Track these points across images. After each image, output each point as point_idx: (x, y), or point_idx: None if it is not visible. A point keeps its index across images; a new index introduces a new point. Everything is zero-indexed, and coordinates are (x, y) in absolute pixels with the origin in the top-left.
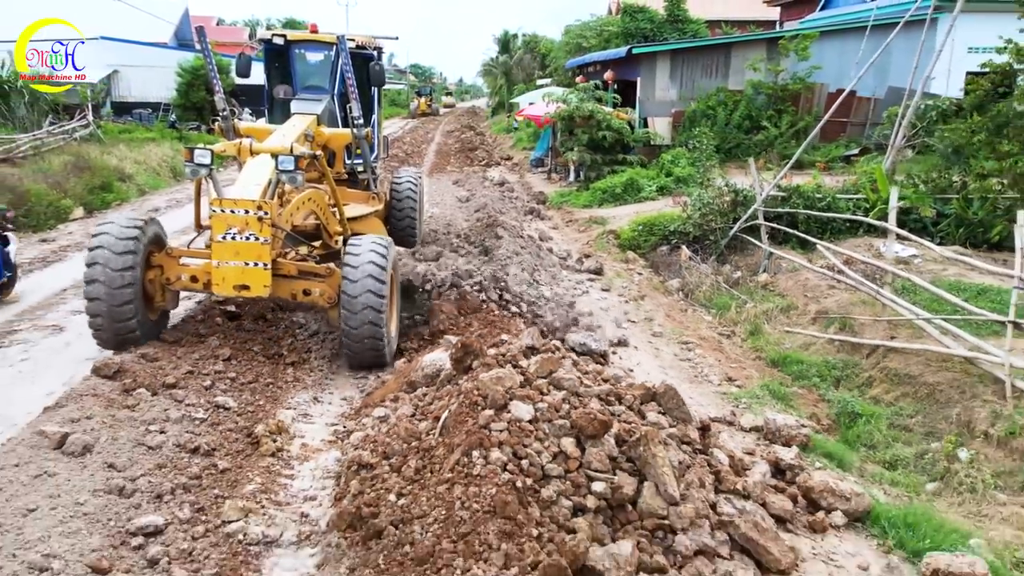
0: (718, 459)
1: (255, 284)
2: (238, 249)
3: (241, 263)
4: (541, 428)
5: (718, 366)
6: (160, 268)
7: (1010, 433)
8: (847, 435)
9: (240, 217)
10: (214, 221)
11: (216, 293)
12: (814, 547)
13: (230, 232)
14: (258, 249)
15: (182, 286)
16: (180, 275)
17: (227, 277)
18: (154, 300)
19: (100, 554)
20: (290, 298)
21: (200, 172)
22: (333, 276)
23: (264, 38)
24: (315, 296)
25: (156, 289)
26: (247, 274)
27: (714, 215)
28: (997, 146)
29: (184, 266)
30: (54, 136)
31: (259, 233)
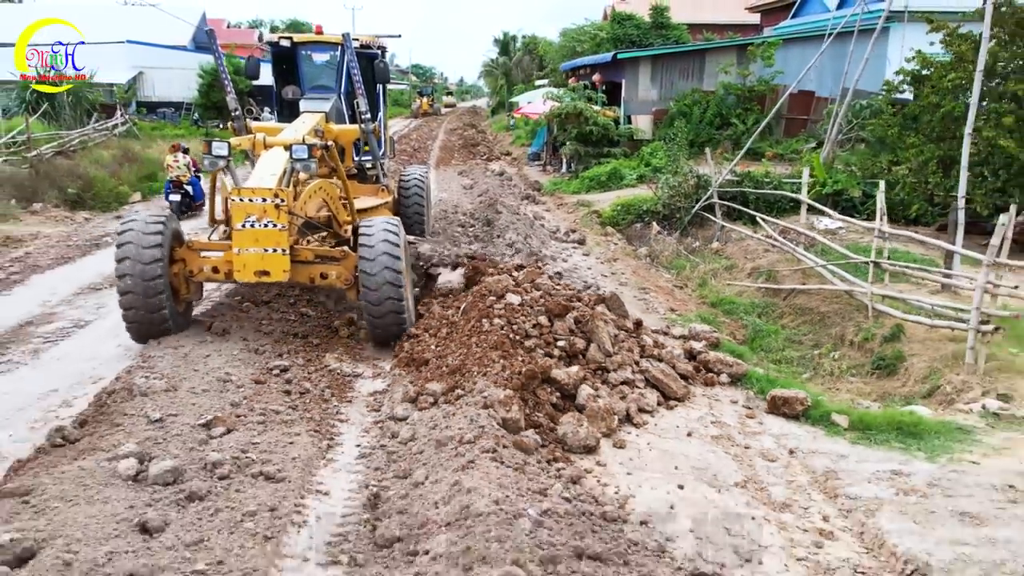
0: (644, 340)
1: (275, 269)
2: (257, 236)
3: (261, 249)
4: (525, 309)
5: (667, 304)
6: (183, 262)
7: (865, 339)
8: (752, 344)
9: (258, 205)
10: (233, 210)
11: (238, 280)
12: (704, 392)
13: (249, 220)
14: (276, 235)
15: (205, 277)
16: (202, 267)
17: (248, 264)
18: (179, 293)
19: (257, 375)
20: (308, 282)
21: (218, 163)
22: (348, 259)
23: (271, 41)
24: (332, 279)
25: (180, 282)
26: (267, 260)
27: (680, 197)
28: (905, 139)
29: (205, 258)
30: (98, 132)
31: (277, 220)
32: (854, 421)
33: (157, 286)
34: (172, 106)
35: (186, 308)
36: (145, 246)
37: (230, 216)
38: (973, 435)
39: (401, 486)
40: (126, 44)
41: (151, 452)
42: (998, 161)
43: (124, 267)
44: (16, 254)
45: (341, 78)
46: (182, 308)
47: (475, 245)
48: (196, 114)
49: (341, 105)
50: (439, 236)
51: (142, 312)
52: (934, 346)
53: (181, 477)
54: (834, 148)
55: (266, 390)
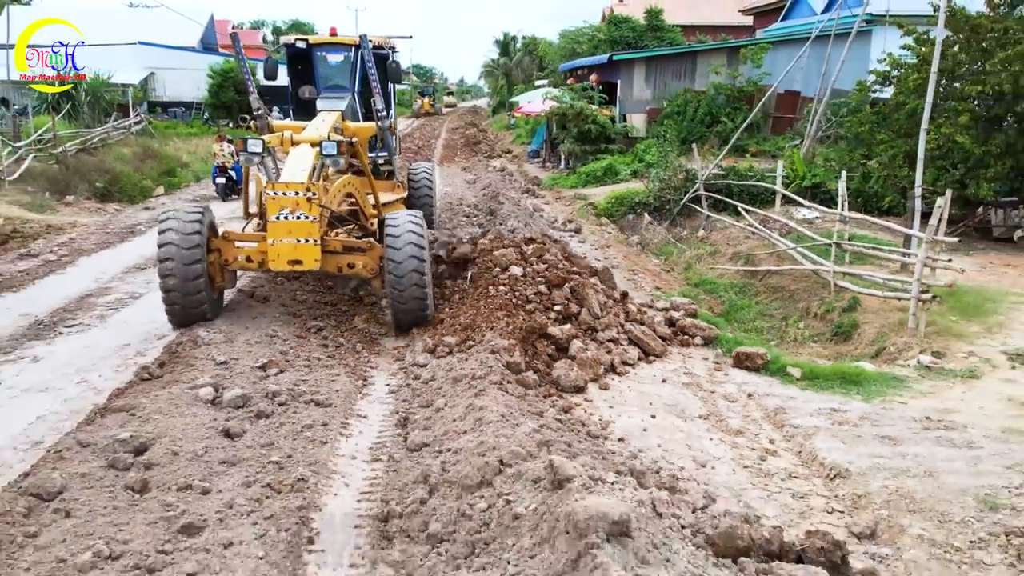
0: (629, 308)
1: (307, 258)
2: (291, 228)
3: (294, 240)
4: (528, 279)
5: (653, 283)
6: (218, 251)
7: (826, 311)
8: (727, 317)
9: (291, 199)
10: (269, 203)
11: (272, 269)
12: (680, 351)
13: (283, 212)
14: (308, 227)
15: (239, 266)
16: (237, 256)
17: (281, 253)
18: (215, 280)
19: (298, 332)
20: (336, 271)
21: (253, 160)
22: (374, 249)
23: (288, 43)
24: (359, 268)
25: (216, 270)
26: (299, 250)
27: (669, 190)
28: (876, 135)
29: (240, 248)
30: (117, 131)
31: (308, 212)
32: (806, 372)
33: (197, 273)
34: (182, 105)
35: (220, 295)
36: (186, 233)
37: (264, 209)
38: (905, 383)
39: (425, 412)
40: (137, 45)
41: (223, 384)
42: (957, 155)
43: (167, 253)
44: (61, 239)
45: (355, 78)
46: (216, 295)
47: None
48: (206, 113)
49: (355, 104)
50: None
51: (182, 298)
52: (885, 315)
53: (249, 402)
54: (814, 144)
55: (307, 343)
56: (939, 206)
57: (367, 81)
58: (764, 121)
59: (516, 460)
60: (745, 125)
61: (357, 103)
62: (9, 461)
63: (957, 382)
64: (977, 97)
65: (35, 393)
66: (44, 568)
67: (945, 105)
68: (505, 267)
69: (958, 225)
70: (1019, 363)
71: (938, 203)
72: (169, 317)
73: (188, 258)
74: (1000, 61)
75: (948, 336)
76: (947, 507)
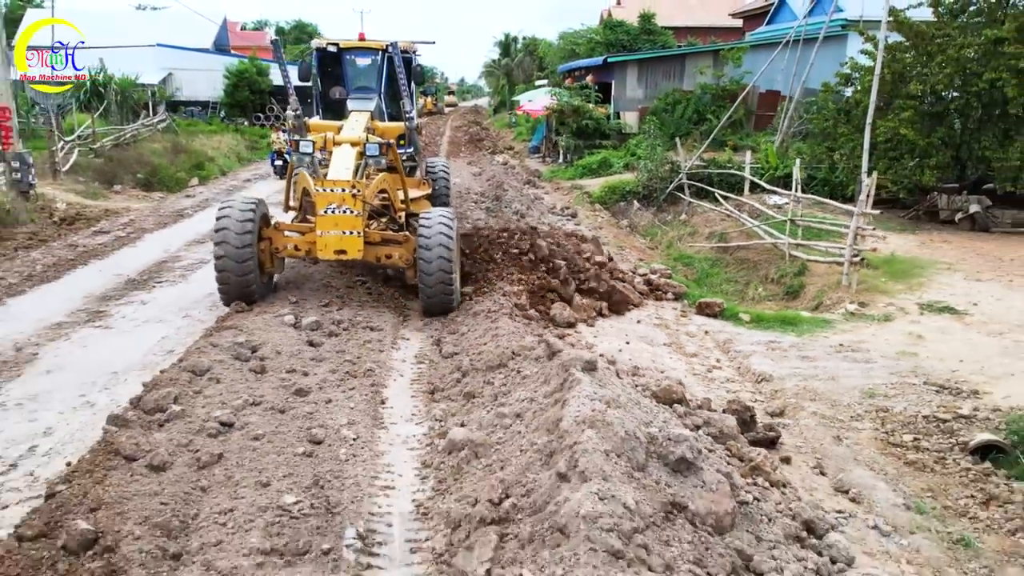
0: (614, 269)
1: (351, 249)
2: (337, 221)
3: (340, 232)
4: (534, 249)
5: (637, 257)
6: (269, 240)
7: (781, 276)
8: (699, 282)
9: (338, 195)
10: (317, 199)
11: (319, 257)
12: (654, 303)
13: (330, 207)
14: (352, 220)
15: (288, 254)
16: (286, 245)
17: (328, 244)
18: (264, 266)
19: (347, 284)
20: (375, 261)
21: (304, 160)
22: (409, 242)
23: (319, 46)
24: (395, 259)
25: (266, 257)
26: (344, 241)
27: (656, 179)
28: (838, 130)
29: (289, 237)
30: (146, 128)
31: (353, 207)
32: (754, 317)
33: (247, 256)
34: (199, 105)
35: (269, 280)
36: (240, 220)
37: (310, 204)
38: (832, 325)
39: (453, 336)
40: (156, 47)
41: (299, 314)
42: (904, 147)
43: (221, 237)
44: (123, 220)
45: (381, 80)
46: (265, 280)
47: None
48: (222, 112)
49: (382, 104)
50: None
51: (234, 278)
52: (827, 277)
53: (320, 326)
54: (787, 139)
55: (355, 291)
56: (866, 184)
57: (392, 83)
58: (747, 118)
59: (523, 350)
60: (726, 122)
61: (384, 104)
62: (155, 362)
63: (873, 324)
64: (920, 95)
65: (153, 323)
66: (214, 407)
67: (895, 103)
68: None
69: (910, 210)
70: (927, 311)
71: (865, 182)
72: (221, 296)
73: (240, 242)
74: (938, 64)
75: (875, 292)
76: (838, 397)
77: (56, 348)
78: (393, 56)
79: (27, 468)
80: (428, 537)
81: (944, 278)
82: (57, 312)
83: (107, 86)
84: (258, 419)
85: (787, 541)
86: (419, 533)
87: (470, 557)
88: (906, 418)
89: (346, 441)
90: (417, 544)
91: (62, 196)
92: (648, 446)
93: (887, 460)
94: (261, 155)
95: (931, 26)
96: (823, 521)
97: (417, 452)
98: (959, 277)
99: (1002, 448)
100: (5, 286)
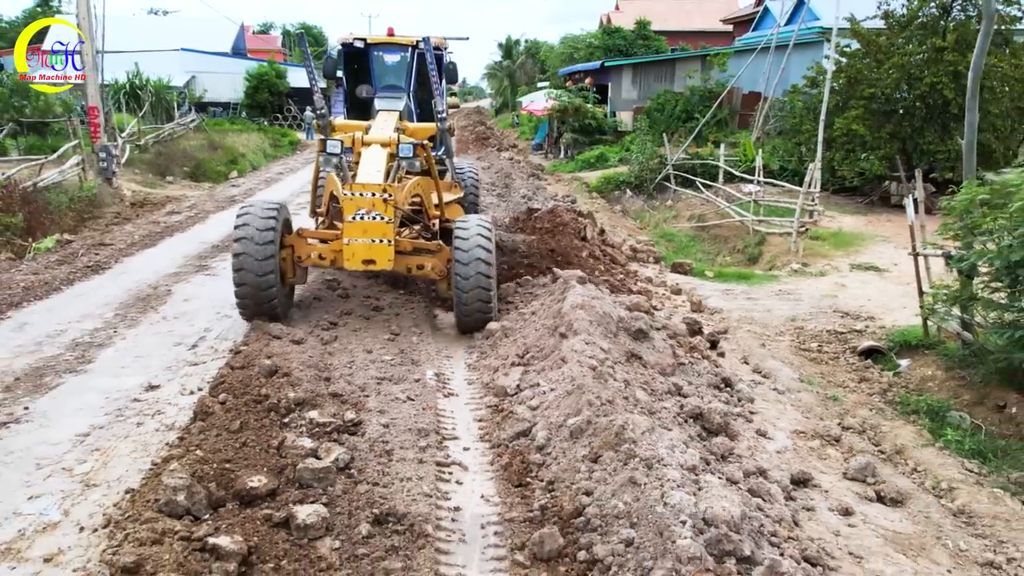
0: (606, 239)
1: (380, 258)
2: (366, 228)
3: (368, 240)
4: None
5: (627, 233)
6: (292, 248)
7: (745, 247)
8: (677, 253)
9: (368, 200)
10: (345, 203)
11: (346, 267)
12: (637, 266)
13: (359, 213)
14: (383, 227)
15: (312, 263)
16: (310, 253)
17: (356, 253)
18: (286, 276)
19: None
20: (405, 271)
21: (332, 160)
22: (443, 252)
23: (346, 42)
24: (427, 270)
25: (288, 266)
26: (373, 250)
27: (647, 171)
28: (804, 126)
29: (312, 245)
30: (181, 126)
31: (384, 213)
32: (716, 273)
33: (269, 269)
34: (220, 105)
35: (290, 291)
36: (260, 230)
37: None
38: (777, 279)
39: None
40: (180, 51)
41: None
42: (857, 141)
43: (240, 248)
44: (187, 204)
45: (410, 78)
46: (287, 291)
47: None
48: (243, 112)
49: (411, 103)
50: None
51: (253, 292)
52: (781, 246)
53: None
54: (763, 135)
55: None
56: (810, 168)
57: (421, 81)
58: (732, 117)
59: (538, 279)
60: (709, 121)
61: (412, 103)
62: None
63: (810, 278)
64: (872, 96)
65: None
66: (320, 316)
67: (851, 103)
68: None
69: (867, 197)
70: (855, 269)
71: (809, 168)
72: (240, 311)
73: (262, 253)
74: (886, 69)
75: (818, 256)
76: (769, 321)
77: (182, 288)
78: (425, 52)
79: (207, 346)
80: (478, 377)
81: (878, 247)
82: (169, 266)
83: (143, 88)
84: (353, 322)
85: (709, 387)
86: (471, 375)
87: (506, 380)
88: (815, 332)
89: (414, 334)
90: (471, 380)
91: (126, 185)
92: (618, 324)
93: (795, 357)
94: (285, 151)
95: (883, 35)
96: (737, 380)
97: (464, 339)
98: (891, 247)
99: (882, 351)
100: (117, 250)
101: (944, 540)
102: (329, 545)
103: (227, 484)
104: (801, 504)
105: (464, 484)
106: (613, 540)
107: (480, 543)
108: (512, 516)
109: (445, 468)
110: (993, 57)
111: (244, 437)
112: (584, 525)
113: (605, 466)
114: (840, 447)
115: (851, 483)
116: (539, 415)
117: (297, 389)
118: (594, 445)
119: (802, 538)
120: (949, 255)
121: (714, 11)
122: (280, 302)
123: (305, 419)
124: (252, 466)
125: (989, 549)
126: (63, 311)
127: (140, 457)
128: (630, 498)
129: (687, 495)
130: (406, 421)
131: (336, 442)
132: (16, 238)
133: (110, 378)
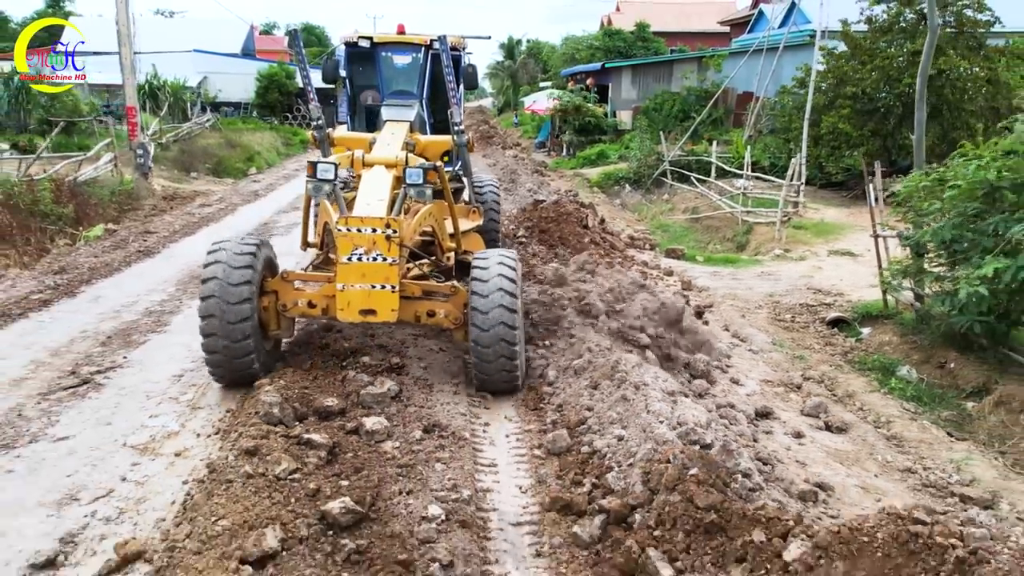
0: (605, 228)
1: (382, 308)
2: (364, 271)
3: (368, 285)
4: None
5: (625, 224)
6: (275, 294)
7: (734, 236)
8: (671, 241)
9: (367, 236)
10: (339, 241)
11: (339, 319)
12: (634, 255)
13: (356, 252)
14: (386, 270)
15: (299, 312)
16: (297, 301)
17: (352, 301)
18: (268, 328)
19: None
20: (414, 320)
21: (323, 188)
22: (458, 295)
23: (349, 41)
24: (439, 317)
25: (271, 316)
26: (374, 297)
27: (645, 167)
28: (793, 125)
29: (300, 291)
30: (198, 126)
31: (387, 253)
32: (706, 258)
33: (244, 330)
34: (231, 105)
35: (274, 346)
36: (233, 282)
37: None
38: (761, 263)
39: None
40: (192, 53)
41: None
42: (842, 138)
43: (209, 306)
44: (215, 198)
45: (423, 83)
46: (270, 346)
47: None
48: (254, 112)
49: (424, 113)
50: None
51: (226, 358)
52: (766, 235)
53: None
54: (755, 133)
55: None
56: (793, 163)
57: (436, 87)
58: (727, 116)
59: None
60: (704, 120)
61: (425, 112)
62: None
63: (791, 262)
64: (855, 96)
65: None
66: None
67: (837, 102)
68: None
69: (854, 190)
70: (833, 255)
71: (792, 163)
72: (211, 374)
73: (234, 314)
74: (868, 70)
75: (800, 243)
76: (750, 296)
77: None
78: (440, 54)
79: None
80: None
81: (855, 235)
82: None
83: (161, 89)
84: None
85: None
86: None
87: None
88: (790, 306)
89: None
90: None
91: (156, 181)
92: (620, 289)
93: (771, 326)
94: (296, 149)
95: (866, 38)
96: (717, 341)
97: None
98: (867, 235)
99: (847, 321)
100: (162, 237)
101: (875, 456)
102: (391, 445)
103: (307, 403)
104: (762, 429)
105: (491, 409)
106: (608, 437)
107: (506, 445)
108: (529, 428)
109: (475, 397)
110: (966, 61)
111: (314, 373)
112: (586, 429)
113: (603, 391)
114: (801, 392)
115: (806, 418)
116: (550, 362)
117: (350, 341)
118: (594, 376)
119: (758, 448)
120: (902, 235)
121: (712, 13)
122: (261, 364)
123: (359, 363)
124: (324, 392)
125: (910, 461)
126: (129, 287)
127: (231, 391)
128: (622, 409)
129: (666, 406)
130: (441, 366)
131: (388, 378)
132: (67, 227)
133: (188, 335)
